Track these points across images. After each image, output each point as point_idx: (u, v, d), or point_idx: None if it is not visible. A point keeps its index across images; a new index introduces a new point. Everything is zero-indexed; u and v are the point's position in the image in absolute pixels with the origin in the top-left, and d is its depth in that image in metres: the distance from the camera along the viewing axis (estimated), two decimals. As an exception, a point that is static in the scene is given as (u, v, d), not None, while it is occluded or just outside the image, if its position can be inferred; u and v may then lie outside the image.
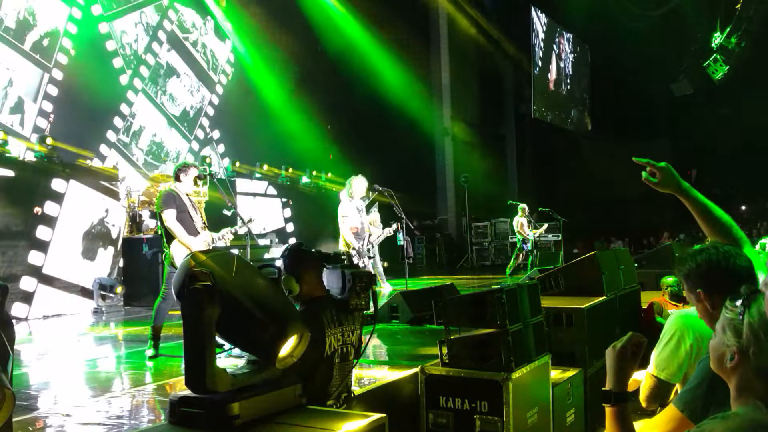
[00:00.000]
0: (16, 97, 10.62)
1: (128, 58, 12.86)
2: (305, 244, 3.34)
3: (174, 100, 13.97)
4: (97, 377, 5.54)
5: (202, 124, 14.69)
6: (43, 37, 11.08)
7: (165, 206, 5.90)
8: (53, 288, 8.99)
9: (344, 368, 3.15)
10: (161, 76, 13.72)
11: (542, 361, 3.76)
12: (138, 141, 13.04)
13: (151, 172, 12.92)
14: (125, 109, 12.74)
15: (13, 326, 2.12)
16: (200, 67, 14.81)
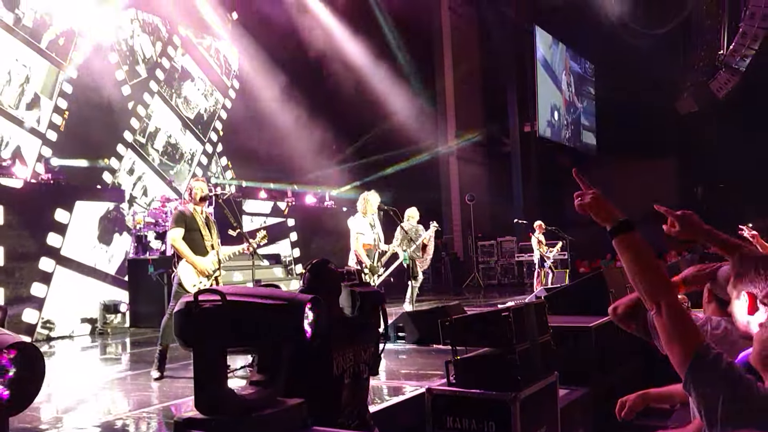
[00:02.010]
0: (32, 94, 10.95)
1: (144, 60, 13.26)
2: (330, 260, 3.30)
3: (188, 103, 14.43)
4: (102, 399, 5.52)
5: (215, 127, 15.15)
6: (59, 36, 11.45)
7: (173, 224, 5.93)
8: (59, 310, 8.96)
9: (357, 386, 3.12)
10: (176, 79, 14.18)
11: (550, 381, 3.73)
12: (154, 142, 13.42)
13: (167, 173, 13.41)
14: (141, 111, 13.13)
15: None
16: (214, 71, 15.26)
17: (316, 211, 14.57)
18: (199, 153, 14.66)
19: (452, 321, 3.65)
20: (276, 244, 12.93)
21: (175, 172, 13.77)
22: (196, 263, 5.80)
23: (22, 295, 8.54)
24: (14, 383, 1.80)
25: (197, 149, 14.60)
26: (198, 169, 14.55)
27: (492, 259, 19.56)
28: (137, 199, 12.60)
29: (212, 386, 2.53)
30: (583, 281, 5.36)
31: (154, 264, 9.98)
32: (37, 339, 8.54)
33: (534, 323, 3.77)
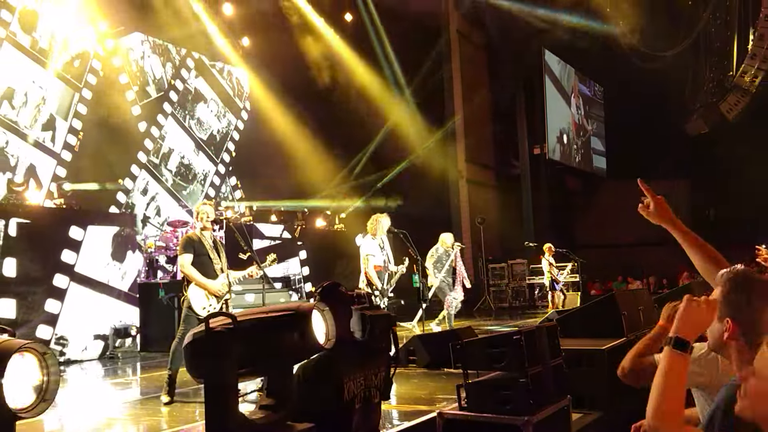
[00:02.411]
0: (48, 115, 11.29)
1: (155, 81, 13.54)
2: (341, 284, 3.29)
3: (201, 125, 14.72)
4: (113, 423, 5.50)
5: (228, 148, 15.41)
6: (74, 59, 11.81)
7: (182, 251, 5.97)
8: (70, 334, 8.98)
9: (368, 411, 3.10)
10: (189, 100, 14.49)
11: (563, 404, 3.69)
12: (167, 163, 13.70)
13: (180, 193, 13.70)
14: (155, 132, 13.43)
15: None
16: (226, 93, 15.55)
17: (326, 234, 14.58)
18: (212, 174, 14.90)
19: (463, 344, 3.62)
20: (286, 262, 12.95)
21: (188, 193, 14.01)
22: (207, 286, 5.84)
23: (36, 311, 8.56)
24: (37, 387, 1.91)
25: (210, 170, 14.84)
26: (210, 190, 14.77)
27: (503, 281, 19.46)
28: (150, 219, 12.82)
29: (224, 410, 2.53)
30: (595, 303, 5.32)
31: (164, 288, 10.01)
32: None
33: (546, 346, 3.74)
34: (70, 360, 8.95)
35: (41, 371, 1.95)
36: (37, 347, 1.96)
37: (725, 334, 1.98)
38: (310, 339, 2.62)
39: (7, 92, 10.69)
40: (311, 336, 2.62)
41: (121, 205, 12.35)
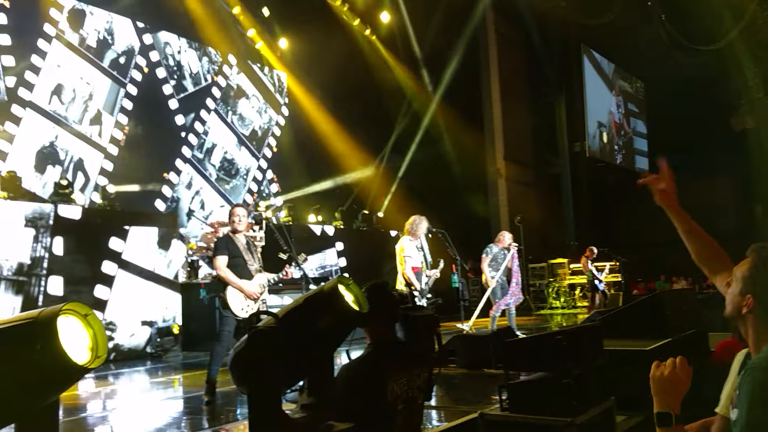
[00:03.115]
0: (95, 110, 11.73)
1: (194, 77, 13.87)
2: (388, 284, 3.28)
3: (243, 120, 15.06)
4: (154, 422, 5.58)
5: (269, 143, 15.72)
6: (119, 55, 12.27)
7: (216, 252, 6.02)
8: (113, 334, 9.18)
9: (410, 412, 3.08)
10: (231, 96, 14.84)
11: (606, 406, 3.62)
12: (211, 157, 14.08)
13: (223, 187, 14.05)
14: (199, 127, 13.79)
15: None
16: (267, 89, 15.85)
17: (363, 234, 14.60)
18: (254, 168, 15.23)
19: (505, 345, 3.58)
20: (322, 253, 13.05)
21: (231, 187, 14.37)
22: (243, 288, 5.87)
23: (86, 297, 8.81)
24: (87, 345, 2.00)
25: (252, 165, 15.18)
26: (253, 184, 15.06)
27: (543, 281, 19.24)
28: (195, 212, 13.21)
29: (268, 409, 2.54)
30: (638, 304, 5.22)
31: (206, 288, 10.14)
32: None
33: (589, 347, 3.68)
34: (119, 345, 9.19)
35: (87, 330, 2.02)
36: (78, 308, 2.03)
37: (744, 308, 2.00)
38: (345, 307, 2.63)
39: (57, 88, 11.14)
40: (345, 305, 2.63)
41: (166, 198, 12.80)
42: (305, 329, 2.62)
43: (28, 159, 10.63)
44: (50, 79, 11.09)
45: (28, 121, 10.71)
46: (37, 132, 10.84)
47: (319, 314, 2.66)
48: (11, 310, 7.90)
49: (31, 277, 8.24)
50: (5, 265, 8.01)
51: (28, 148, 10.66)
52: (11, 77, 10.53)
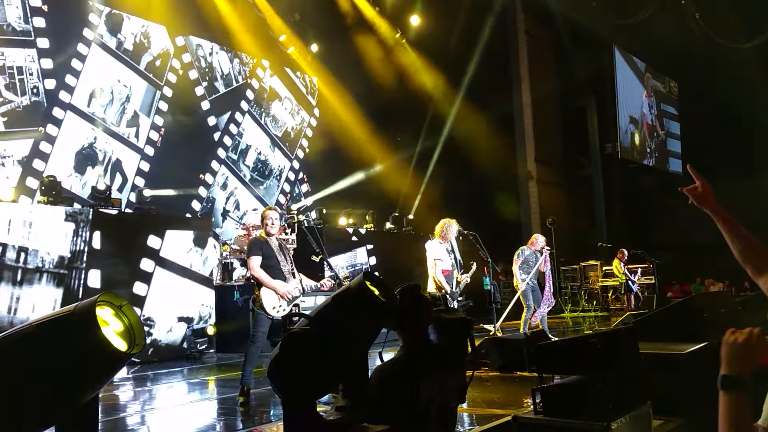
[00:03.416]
0: (132, 112, 12.07)
1: (225, 78, 14.13)
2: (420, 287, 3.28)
3: (276, 122, 15.33)
4: (189, 423, 5.66)
5: (301, 144, 15.98)
6: (155, 58, 12.60)
7: (250, 253, 6.10)
8: (151, 330, 9.34)
9: (444, 415, 3.09)
10: (265, 98, 15.12)
11: (643, 410, 3.57)
12: (245, 158, 14.37)
13: (257, 188, 14.38)
14: (233, 129, 14.08)
15: None
16: (299, 91, 16.09)
17: (394, 237, 14.61)
18: (287, 169, 15.47)
19: (539, 347, 3.56)
20: (353, 251, 13.16)
21: (264, 188, 14.66)
22: (277, 288, 5.93)
23: (124, 296, 8.92)
24: (124, 333, 2.06)
25: (285, 165, 15.43)
26: (286, 185, 15.28)
27: (575, 284, 19.04)
28: (230, 212, 13.53)
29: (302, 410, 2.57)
30: (675, 306, 5.13)
31: (239, 290, 10.24)
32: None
33: (624, 350, 3.63)
34: (156, 341, 9.37)
35: (123, 319, 2.09)
36: (113, 299, 2.08)
37: None
38: (373, 300, 2.64)
39: (95, 91, 11.48)
40: (373, 298, 2.64)
41: (202, 199, 13.12)
42: (336, 328, 2.64)
43: (68, 160, 10.97)
44: (89, 82, 11.44)
45: (69, 123, 11.06)
46: (77, 134, 11.19)
47: (348, 311, 2.68)
48: (53, 302, 8.16)
49: (72, 270, 8.47)
50: (47, 258, 8.24)
51: (68, 149, 11.01)
52: (50, 80, 10.83)
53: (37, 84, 10.62)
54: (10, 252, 7.94)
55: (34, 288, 8.07)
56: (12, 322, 7.71)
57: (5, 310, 7.77)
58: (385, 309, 2.74)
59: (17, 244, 8.05)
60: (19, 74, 10.41)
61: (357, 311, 2.68)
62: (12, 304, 7.81)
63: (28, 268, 8.04)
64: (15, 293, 7.87)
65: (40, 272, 8.15)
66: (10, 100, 10.24)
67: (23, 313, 7.87)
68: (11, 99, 10.26)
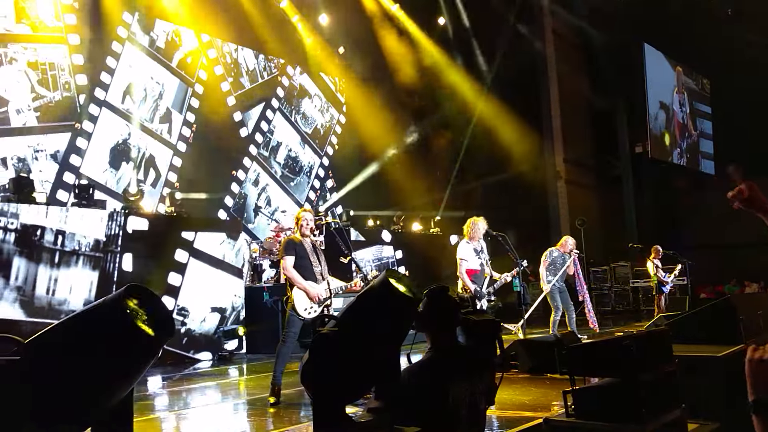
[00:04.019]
0: (165, 108, 12.36)
1: (251, 74, 14.30)
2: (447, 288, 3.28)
3: (306, 119, 15.54)
4: (220, 424, 5.71)
5: (331, 141, 16.18)
6: (186, 56, 12.86)
7: (283, 254, 6.14)
8: (185, 320, 9.53)
9: (473, 417, 3.07)
10: (295, 96, 15.33)
11: (678, 413, 3.52)
12: (276, 155, 14.60)
13: (288, 184, 14.64)
14: (264, 126, 14.32)
15: None
16: (329, 89, 16.26)
17: (421, 238, 14.59)
18: (317, 166, 15.66)
19: (570, 349, 3.52)
20: (379, 245, 13.23)
21: (295, 184, 14.88)
22: (308, 289, 5.96)
23: (159, 285, 9.23)
24: (149, 321, 2.06)
25: (315, 162, 15.62)
26: (316, 182, 15.49)
27: (605, 285, 18.83)
28: (261, 208, 13.82)
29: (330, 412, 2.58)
30: (709, 307, 5.04)
31: (269, 291, 10.31)
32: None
33: (657, 352, 3.58)
34: (191, 330, 9.54)
35: (150, 309, 2.12)
36: (139, 290, 2.12)
37: None
38: (398, 297, 2.64)
39: (129, 88, 11.76)
40: (398, 294, 2.63)
41: (234, 195, 13.40)
42: (363, 328, 2.64)
43: (104, 156, 11.29)
44: (123, 79, 11.73)
45: (104, 119, 11.35)
46: (112, 130, 11.48)
47: (373, 309, 2.68)
48: (89, 284, 8.42)
49: (107, 254, 8.72)
50: (83, 241, 8.48)
51: (103, 145, 11.31)
52: (82, 75, 11.07)
53: (68, 80, 10.87)
54: (48, 235, 8.23)
55: (71, 270, 8.34)
56: (50, 302, 8.03)
57: (44, 290, 8.03)
58: (410, 305, 2.73)
59: (54, 227, 8.31)
60: (51, 70, 10.65)
61: (381, 309, 2.67)
62: (50, 285, 8.09)
63: (65, 250, 8.29)
64: (53, 275, 8.14)
65: (77, 255, 8.41)
66: (42, 96, 10.48)
67: (61, 294, 8.15)
68: (44, 94, 10.51)
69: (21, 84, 10.25)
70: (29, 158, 10.19)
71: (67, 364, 1.96)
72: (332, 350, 2.58)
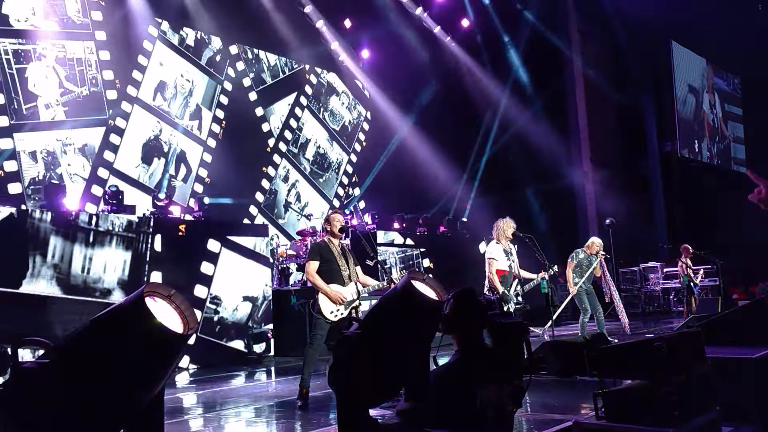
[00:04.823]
0: (195, 105, 12.60)
1: (271, 69, 14.45)
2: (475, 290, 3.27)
3: (334, 116, 15.71)
4: (248, 426, 5.74)
5: (359, 138, 16.31)
6: (215, 53, 13.11)
7: (308, 258, 6.17)
8: (218, 308, 9.69)
9: (501, 419, 3.06)
10: (323, 93, 15.53)
11: (711, 416, 3.46)
12: (305, 152, 14.83)
13: (317, 180, 14.89)
14: (293, 123, 14.53)
15: None
16: (356, 85, 16.34)
17: (447, 240, 14.53)
18: (345, 162, 15.82)
19: (601, 351, 3.48)
20: (406, 256, 13.20)
21: (324, 180, 15.09)
22: (329, 293, 5.97)
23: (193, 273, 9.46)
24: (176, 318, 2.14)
25: (343, 159, 15.79)
26: (344, 178, 15.66)
27: (635, 286, 18.59)
28: (291, 204, 14.09)
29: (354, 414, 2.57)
30: (743, 309, 4.95)
31: (296, 294, 10.36)
32: (206, 312, 9.49)
33: (689, 354, 3.52)
34: (223, 319, 9.70)
35: (173, 307, 2.16)
36: (161, 290, 2.15)
37: None
38: (422, 299, 2.63)
39: (160, 85, 12.01)
40: (421, 296, 2.62)
41: (265, 191, 13.67)
42: (386, 330, 2.64)
43: (136, 152, 11.54)
44: (154, 77, 11.97)
45: (136, 116, 11.60)
46: (144, 126, 11.73)
47: (396, 311, 2.68)
48: (122, 263, 8.66)
49: (139, 234, 8.93)
50: (116, 222, 8.71)
51: (136, 141, 11.56)
52: (108, 71, 11.25)
53: (95, 75, 11.08)
54: (83, 215, 8.50)
55: (105, 250, 8.57)
56: (85, 280, 8.29)
57: (79, 269, 8.27)
58: (433, 307, 2.72)
59: (89, 209, 8.60)
60: (79, 66, 10.89)
61: (404, 312, 2.67)
62: (85, 263, 8.33)
63: (99, 230, 8.53)
64: (87, 254, 8.39)
65: (110, 235, 8.63)
66: (71, 91, 10.69)
67: (95, 273, 8.40)
68: (72, 89, 10.72)
69: (50, 79, 10.48)
70: (58, 152, 10.41)
71: (94, 367, 1.98)
72: (355, 353, 2.58)
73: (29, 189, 9.92)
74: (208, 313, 9.52)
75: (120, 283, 8.59)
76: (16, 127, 10.00)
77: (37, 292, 7.86)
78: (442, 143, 16.07)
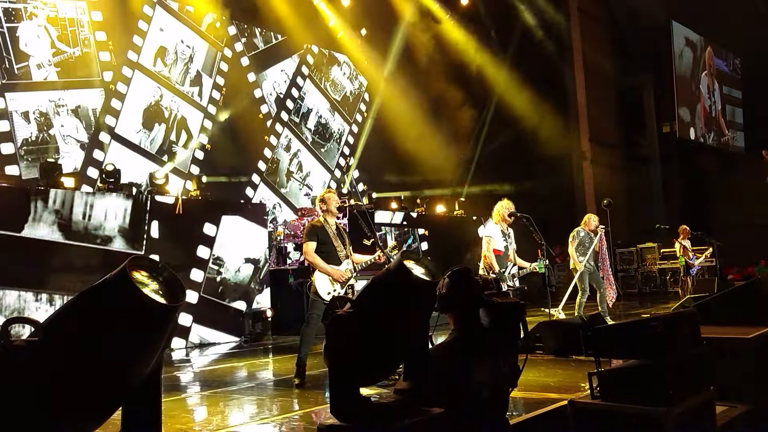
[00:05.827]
0: (195, 71, 12.58)
1: (273, 38, 14.41)
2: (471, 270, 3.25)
3: (336, 86, 15.72)
4: (245, 405, 5.77)
5: (360, 108, 16.32)
6: (215, 20, 13.02)
7: (305, 238, 6.17)
8: (220, 269, 9.76)
9: (496, 399, 3.06)
10: (324, 63, 15.51)
11: (706, 396, 3.47)
12: (306, 122, 14.87)
13: (318, 150, 14.94)
14: (295, 93, 14.57)
15: None
16: (358, 57, 16.26)
17: (445, 220, 14.53)
18: (346, 133, 15.84)
19: (596, 331, 3.48)
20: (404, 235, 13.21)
21: (325, 150, 15.13)
22: (329, 272, 5.99)
23: (196, 234, 9.57)
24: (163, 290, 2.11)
25: (344, 129, 15.81)
26: (345, 149, 15.69)
27: (632, 266, 18.64)
28: (294, 173, 14.20)
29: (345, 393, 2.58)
30: (739, 289, 4.97)
31: (293, 274, 10.37)
32: (208, 273, 9.62)
33: (685, 334, 3.53)
34: (226, 279, 9.82)
35: (158, 278, 2.15)
36: (145, 261, 2.14)
37: None
38: (415, 281, 2.61)
39: (160, 50, 12.00)
40: (414, 278, 2.61)
41: (267, 159, 13.75)
42: (380, 309, 2.63)
43: (137, 117, 11.56)
44: (154, 42, 11.93)
45: (136, 81, 11.59)
46: (144, 92, 11.72)
47: (389, 292, 2.67)
48: (123, 211, 8.79)
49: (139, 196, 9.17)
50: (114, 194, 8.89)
51: (136, 106, 11.57)
52: (101, 32, 11.15)
53: (88, 36, 11.01)
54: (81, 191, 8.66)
55: (106, 197, 8.73)
56: (86, 227, 8.41)
57: (80, 215, 8.38)
58: (427, 287, 2.71)
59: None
60: (71, 26, 10.81)
61: (398, 292, 2.65)
62: (86, 210, 8.45)
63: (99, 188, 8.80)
64: (89, 200, 8.52)
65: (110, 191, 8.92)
66: (63, 51, 10.62)
67: (96, 220, 8.53)
68: (64, 50, 10.64)
69: (41, 39, 10.41)
70: (51, 113, 10.38)
71: (82, 343, 1.97)
72: (347, 332, 2.57)
73: (22, 149, 9.91)
74: (210, 273, 9.59)
75: (121, 231, 8.67)
76: (8, 86, 9.94)
77: (39, 236, 7.98)
78: (442, 122, 16.02)
